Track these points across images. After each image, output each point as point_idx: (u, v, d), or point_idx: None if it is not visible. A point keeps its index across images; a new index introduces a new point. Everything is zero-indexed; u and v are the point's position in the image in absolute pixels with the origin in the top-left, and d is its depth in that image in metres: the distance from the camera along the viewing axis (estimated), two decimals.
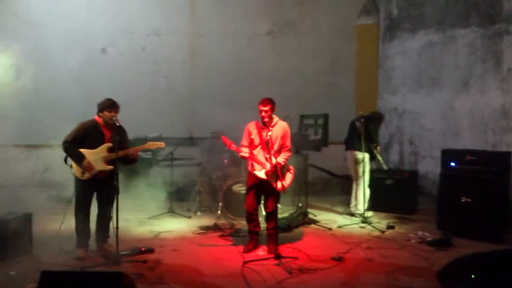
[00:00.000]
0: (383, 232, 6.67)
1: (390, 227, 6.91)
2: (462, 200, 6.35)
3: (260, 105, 5.68)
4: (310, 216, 7.47)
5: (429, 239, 6.16)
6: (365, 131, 7.49)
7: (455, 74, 9.01)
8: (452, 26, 9.10)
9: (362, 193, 7.55)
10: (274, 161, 5.61)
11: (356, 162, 7.67)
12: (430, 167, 9.27)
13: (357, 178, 7.74)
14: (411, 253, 5.71)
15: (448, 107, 9.10)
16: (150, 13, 10.41)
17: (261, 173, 5.68)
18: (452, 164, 6.60)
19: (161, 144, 5.78)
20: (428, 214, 7.50)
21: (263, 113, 5.65)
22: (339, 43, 11.12)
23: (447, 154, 6.77)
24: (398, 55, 10.46)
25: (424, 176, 9.17)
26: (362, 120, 7.44)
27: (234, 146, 5.62)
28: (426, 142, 9.60)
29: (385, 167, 7.63)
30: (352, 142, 7.81)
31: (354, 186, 7.83)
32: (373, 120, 7.79)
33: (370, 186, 7.70)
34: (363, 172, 7.49)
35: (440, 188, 6.70)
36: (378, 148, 7.73)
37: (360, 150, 7.53)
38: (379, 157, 7.63)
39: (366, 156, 7.55)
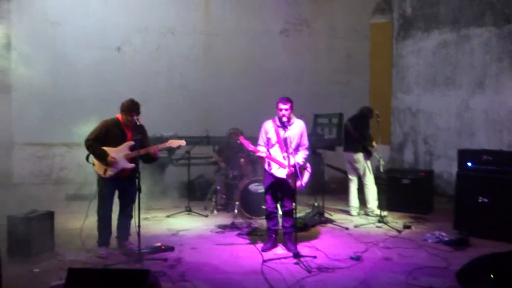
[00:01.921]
0: (400, 231, 6.70)
1: (406, 226, 6.94)
2: (479, 200, 6.35)
3: (280, 103, 5.65)
4: (326, 215, 7.51)
5: (446, 238, 6.17)
6: (355, 131, 7.60)
7: (470, 73, 9.01)
8: (467, 25, 9.10)
9: (370, 192, 7.68)
10: (292, 160, 5.60)
11: (349, 163, 7.83)
12: (445, 166, 9.27)
13: (350, 179, 7.89)
14: (428, 253, 5.73)
15: (463, 107, 9.11)
16: (164, 11, 10.47)
17: (279, 172, 5.70)
18: (469, 164, 6.59)
19: (182, 142, 5.81)
20: (444, 214, 7.53)
21: (283, 111, 5.62)
22: (353, 42, 11.16)
23: (464, 154, 6.75)
24: (412, 54, 10.46)
25: (439, 175, 9.17)
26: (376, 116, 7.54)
27: (252, 146, 5.66)
28: (441, 142, 9.60)
29: (381, 168, 7.55)
30: (345, 143, 7.94)
31: (350, 185, 7.91)
32: (361, 118, 7.84)
33: (375, 184, 7.78)
34: (366, 171, 7.63)
35: (457, 188, 6.70)
36: (374, 143, 7.68)
37: (352, 150, 7.68)
38: (377, 156, 7.62)
39: (360, 156, 7.63)
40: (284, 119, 5.65)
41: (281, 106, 5.65)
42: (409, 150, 10.48)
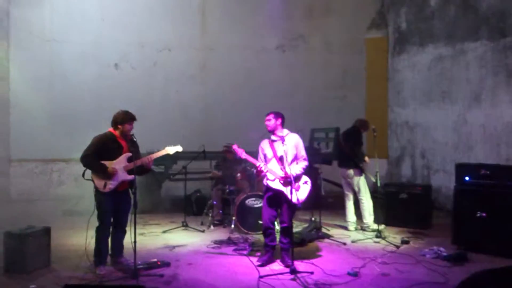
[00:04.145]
0: (398, 247, 6.65)
1: (404, 242, 6.89)
2: (477, 215, 6.32)
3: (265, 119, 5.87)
4: (324, 230, 7.48)
5: (445, 254, 6.13)
6: (346, 146, 7.64)
7: (466, 87, 9.04)
8: (462, 39, 9.16)
9: (365, 208, 7.66)
10: (289, 171, 5.60)
11: (343, 178, 7.85)
12: (442, 181, 9.26)
13: (346, 194, 7.89)
14: (427, 268, 5.69)
15: (460, 121, 9.12)
16: (161, 28, 10.55)
17: (274, 184, 5.69)
18: (467, 178, 6.58)
19: (179, 148, 5.83)
20: (442, 229, 7.47)
21: (266, 122, 5.82)
22: (349, 57, 11.24)
23: (461, 168, 6.73)
24: (408, 68, 10.52)
25: (437, 190, 9.15)
26: (374, 132, 7.55)
27: (245, 155, 5.68)
28: (438, 156, 9.60)
29: (378, 183, 7.48)
30: (339, 158, 7.98)
31: (346, 200, 7.90)
32: (353, 132, 7.87)
33: (372, 199, 7.76)
34: (360, 187, 7.62)
35: (455, 203, 6.67)
36: (367, 158, 7.72)
37: (345, 166, 7.71)
38: (371, 176, 7.61)
39: (352, 171, 7.64)
40: (269, 128, 5.81)
41: (266, 117, 5.84)
42: (407, 164, 10.48)
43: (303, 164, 5.83)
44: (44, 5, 9.91)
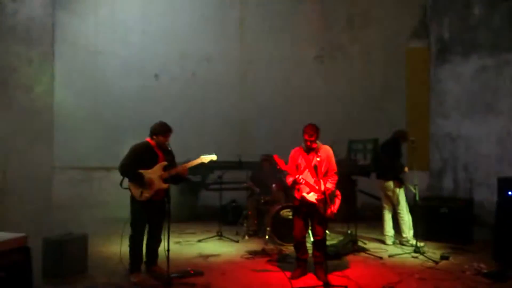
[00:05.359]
0: (437, 262, 6.44)
1: (444, 257, 6.65)
2: None
3: (305, 135, 5.62)
4: (360, 243, 7.33)
5: (485, 271, 5.89)
6: (385, 157, 7.46)
7: (511, 99, 8.71)
8: (507, 49, 8.86)
9: (404, 222, 7.45)
10: (323, 186, 5.54)
11: (382, 190, 7.65)
12: (486, 195, 8.89)
13: (384, 207, 7.68)
14: (466, 286, 5.47)
15: (505, 133, 8.79)
16: (201, 39, 10.74)
17: (310, 196, 5.60)
18: (510, 192, 6.33)
19: (213, 156, 5.87)
20: (484, 245, 7.19)
21: (309, 142, 5.63)
22: (389, 67, 11.02)
23: (504, 182, 6.51)
24: (451, 79, 10.21)
25: (480, 204, 8.81)
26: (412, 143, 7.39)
27: (285, 166, 5.61)
28: (482, 169, 9.25)
29: (417, 196, 7.24)
30: (378, 170, 7.81)
31: (384, 213, 7.68)
32: (392, 143, 7.67)
33: (411, 212, 7.53)
34: (399, 200, 7.42)
35: (497, 218, 6.43)
36: (406, 169, 7.49)
37: (383, 178, 7.53)
38: (411, 186, 7.38)
39: (391, 184, 7.44)
40: (310, 146, 5.65)
41: (307, 137, 5.62)
42: (449, 177, 10.15)
43: (334, 179, 5.75)
44: (88, 18, 10.26)
